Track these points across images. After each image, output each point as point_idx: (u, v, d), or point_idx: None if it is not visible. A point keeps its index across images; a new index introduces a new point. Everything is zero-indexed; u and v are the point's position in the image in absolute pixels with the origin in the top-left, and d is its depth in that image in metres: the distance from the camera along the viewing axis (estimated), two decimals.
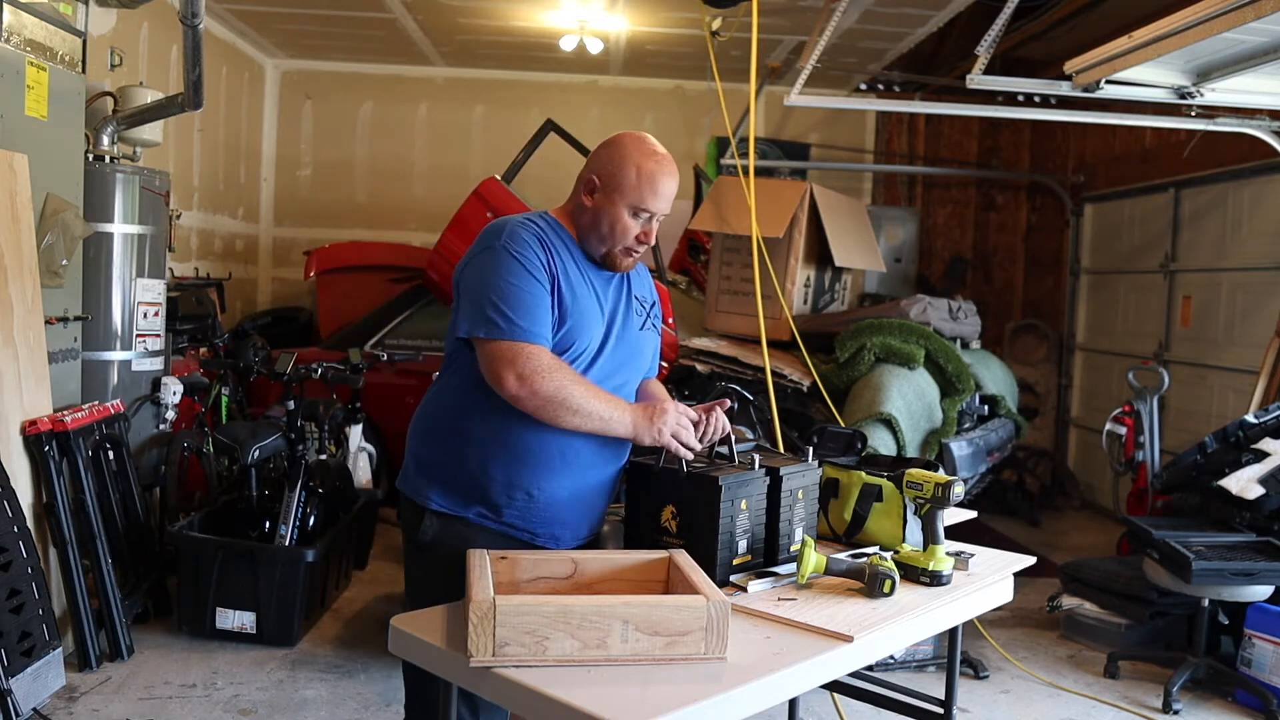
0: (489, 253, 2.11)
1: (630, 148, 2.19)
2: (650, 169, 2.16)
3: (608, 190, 2.17)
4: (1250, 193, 5.95)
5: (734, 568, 2.11)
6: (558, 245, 2.18)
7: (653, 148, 2.20)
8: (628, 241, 2.19)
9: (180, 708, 3.52)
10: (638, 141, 2.20)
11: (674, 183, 2.20)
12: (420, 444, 2.22)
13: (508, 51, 7.92)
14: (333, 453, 5.14)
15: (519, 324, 2.04)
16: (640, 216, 2.18)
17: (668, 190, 2.18)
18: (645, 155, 2.17)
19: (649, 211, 2.18)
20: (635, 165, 2.16)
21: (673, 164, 2.21)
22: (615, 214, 2.17)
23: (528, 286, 2.07)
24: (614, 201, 2.16)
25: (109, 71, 5.36)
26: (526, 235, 2.13)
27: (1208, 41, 3.66)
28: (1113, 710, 3.90)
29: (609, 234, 2.18)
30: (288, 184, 8.62)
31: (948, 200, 8.86)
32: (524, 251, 2.09)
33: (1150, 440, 5.16)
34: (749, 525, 2.13)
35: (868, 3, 6.14)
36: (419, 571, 2.22)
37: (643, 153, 2.18)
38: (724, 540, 2.08)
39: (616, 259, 2.21)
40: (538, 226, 2.18)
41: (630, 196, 2.16)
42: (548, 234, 2.18)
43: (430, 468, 2.17)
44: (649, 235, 2.21)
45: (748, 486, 2.13)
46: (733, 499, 2.08)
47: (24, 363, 3.64)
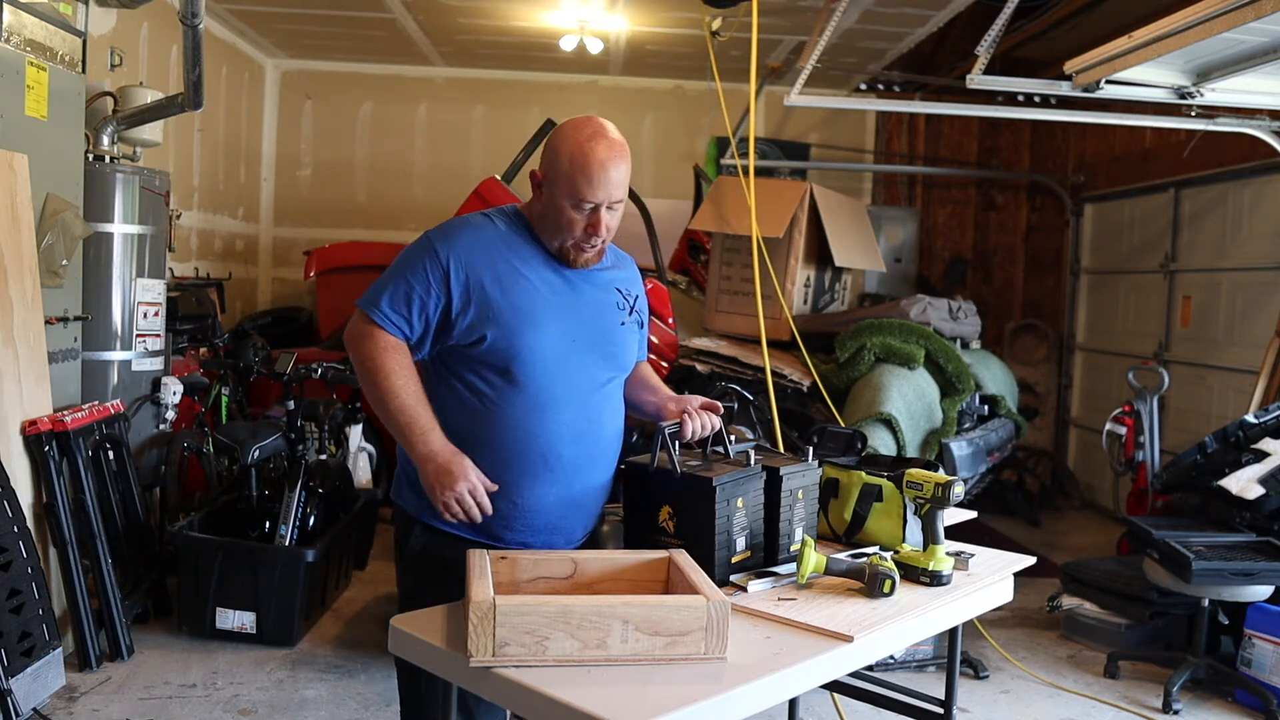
0: (421, 238, 2.12)
1: (566, 135, 2.05)
2: (583, 157, 2.00)
3: (549, 183, 2.06)
4: (1250, 193, 5.95)
5: (733, 566, 2.09)
6: (511, 241, 2.10)
7: (591, 131, 2.03)
8: (575, 236, 2.07)
9: (180, 708, 3.52)
10: (576, 128, 2.05)
11: (617, 168, 2.02)
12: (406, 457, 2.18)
13: (508, 51, 7.92)
14: (333, 453, 5.14)
15: (382, 305, 2.06)
16: (583, 208, 2.04)
17: (609, 178, 2.01)
18: (580, 140, 2.01)
19: (589, 202, 2.02)
20: (568, 154, 2.01)
21: (613, 147, 2.03)
22: (558, 207, 2.05)
23: (410, 281, 2.05)
24: (554, 195, 2.05)
25: (109, 71, 5.36)
26: (456, 231, 2.09)
27: (1208, 41, 3.66)
28: (1113, 710, 3.90)
29: (556, 229, 2.08)
30: (288, 184, 8.62)
31: (948, 200, 8.86)
32: (438, 246, 2.06)
33: (1150, 440, 5.15)
34: (747, 523, 2.11)
35: (868, 3, 6.14)
36: (409, 581, 2.22)
37: (577, 138, 2.02)
38: (721, 540, 2.06)
39: (569, 254, 2.10)
40: (493, 222, 2.12)
41: (565, 188, 2.02)
42: (499, 229, 2.11)
43: (416, 480, 2.13)
44: (598, 227, 2.05)
45: (743, 485, 2.11)
46: (728, 499, 2.07)
47: (24, 363, 3.64)
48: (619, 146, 2.04)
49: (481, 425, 2.08)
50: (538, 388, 2.07)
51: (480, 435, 2.08)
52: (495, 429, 2.07)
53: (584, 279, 2.16)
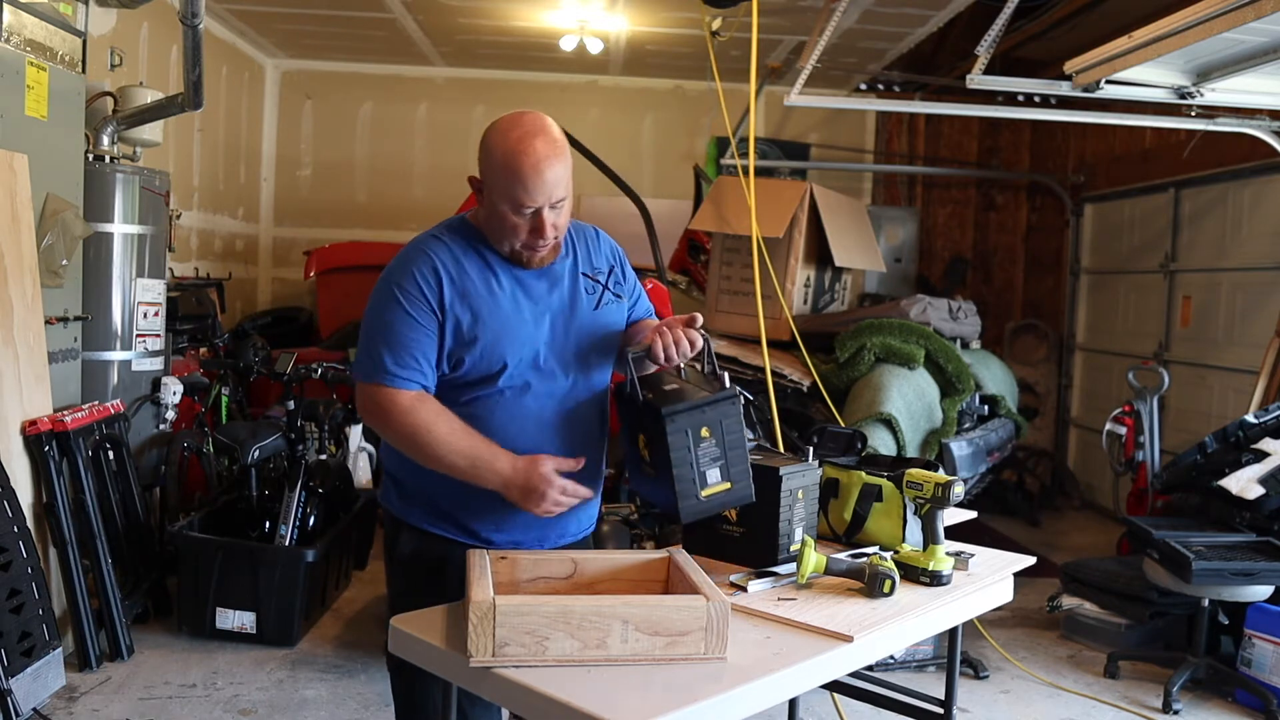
0: (379, 285, 2.03)
1: (497, 138, 1.95)
2: (516, 162, 1.91)
3: (488, 188, 1.98)
4: (1250, 193, 5.95)
5: (705, 501, 1.94)
6: (466, 256, 2.03)
7: (521, 132, 1.93)
8: (521, 240, 1.98)
9: (180, 708, 3.52)
10: (505, 131, 1.95)
11: (552, 169, 1.92)
12: (391, 461, 2.17)
13: (508, 51, 7.92)
14: (333, 453, 5.14)
15: (381, 367, 1.97)
16: (523, 213, 1.95)
17: (544, 180, 1.91)
18: (510, 146, 1.92)
19: (528, 207, 1.94)
20: (501, 160, 1.93)
21: (546, 147, 1.92)
22: (499, 213, 1.97)
23: (400, 327, 1.97)
24: (494, 200, 1.97)
25: (109, 71, 5.36)
26: (417, 265, 2.00)
27: (1208, 41, 3.66)
28: (1113, 710, 3.90)
29: (502, 233, 2.00)
30: (288, 184, 8.62)
31: (948, 200, 8.86)
32: (405, 285, 1.98)
33: (1150, 440, 5.15)
34: (718, 453, 1.93)
35: (868, 3, 6.14)
36: (400, 584, 2.19)
37: (507, 142, 1.93)
38: (682, 474, 1.90)
39: (522, 256, 2.02)
40: (442, 243, 2.04)
41: (502, 194, 1.94)
42: (454, 248, 2.03)
43: (403, 484, 2.13)
44: (545, 228, 1.96)
45: (706, 413, 1.92)
46: (687, 428, 1.89)
47: (24, 363, 3.64)
48: (552, 145, 1.94)
49: None
50: (517, 395, 2.04)
51: None
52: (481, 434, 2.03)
53: (544, 279, 2.08)
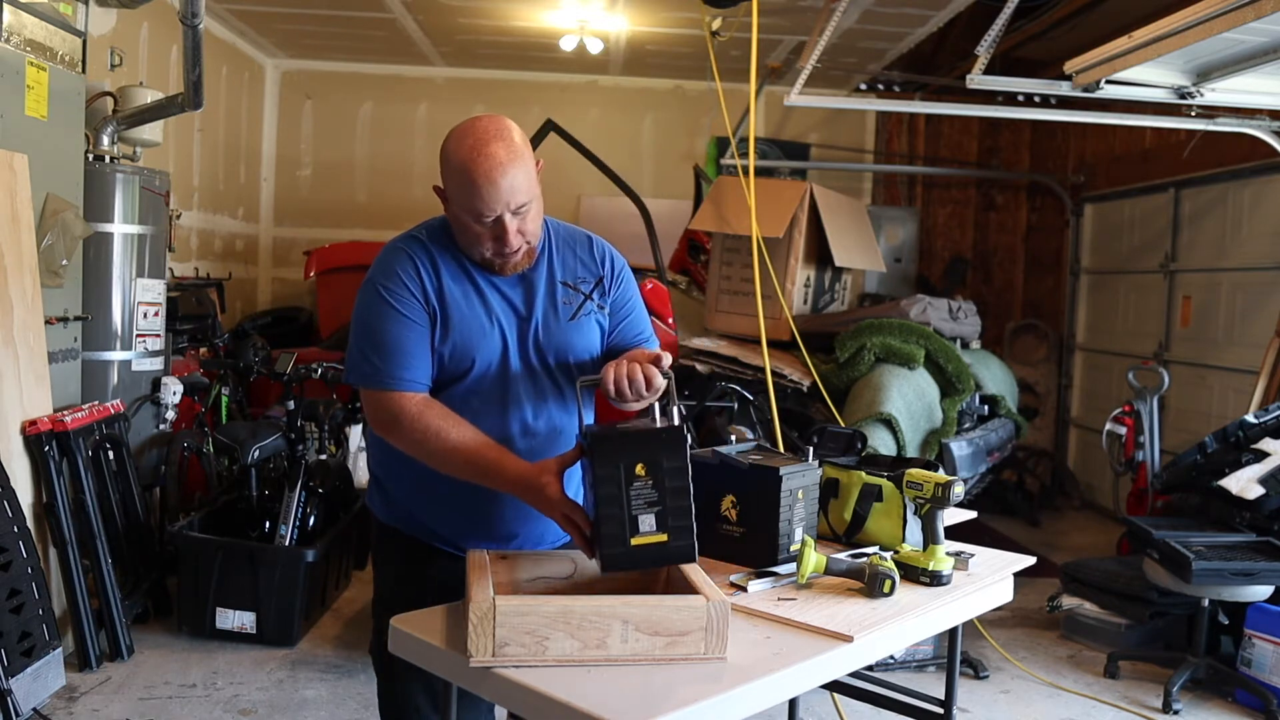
0: (364, 290, 1.99)
1: (451, 148, 1.90)
2: (470, 173, 1.86)
3: (449, 198, 1.95)
4: (1250, 193, 5.95)
5: (636, 550, 1.73)
6: (442, 258, 1.99)
7: (474, 140, 1.87)
8: (486, 249, 1.93)
9: (180, 708, 3.52)
10: (459, 140, 1.90)
11: (506, 177, 1.85)
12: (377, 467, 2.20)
13: (508, 51, 7.92)
14: (333, 453, 5.14)
15: (385, 372, 1.93)
16: (484, 222, 1.89)
17: (499, 189, 1.85)
18: (462, 157, 1.87)
19: (487, 216, 1.88)
20: (455, 171, 1.88)
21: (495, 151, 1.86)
22: (462, 223, 1.93)
23: (394, 328, 1.93)
24: (455, 211, 1.94)
25: (109, 71, 5.36)
26: (398, 264, 1.96)
27: (1208, 41, 3.66)
28: (1113, 710, 3.90)
29: (468, 242, 1.96)
30: (288, 184, 8.62)
31: (948, 200, 8.86)
32: (392, 286, 1.94)
33: (1150, 440, 5.16)
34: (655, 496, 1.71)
35: (868, 3, 6.14)
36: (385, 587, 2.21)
37: (460, 155, 1.88)
38: (608, 514, 1.72)
39: (493, 265, 1.98)
40: (419, 242, 2.00)
41: (460, 204, 1.90)
42: (431, 247, 1.99)
43: (376, 480, 2.17)
44: (509, 236, 1.90)
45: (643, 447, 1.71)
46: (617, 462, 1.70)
47: (24, 363, 3.64)
48: (509, 149, 1.87)
49: None
50: (483, 400, 2.00)
51: None
52: None
53: (519, 286, 2.03)
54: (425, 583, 2.06)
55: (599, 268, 2.12)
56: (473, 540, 2.04)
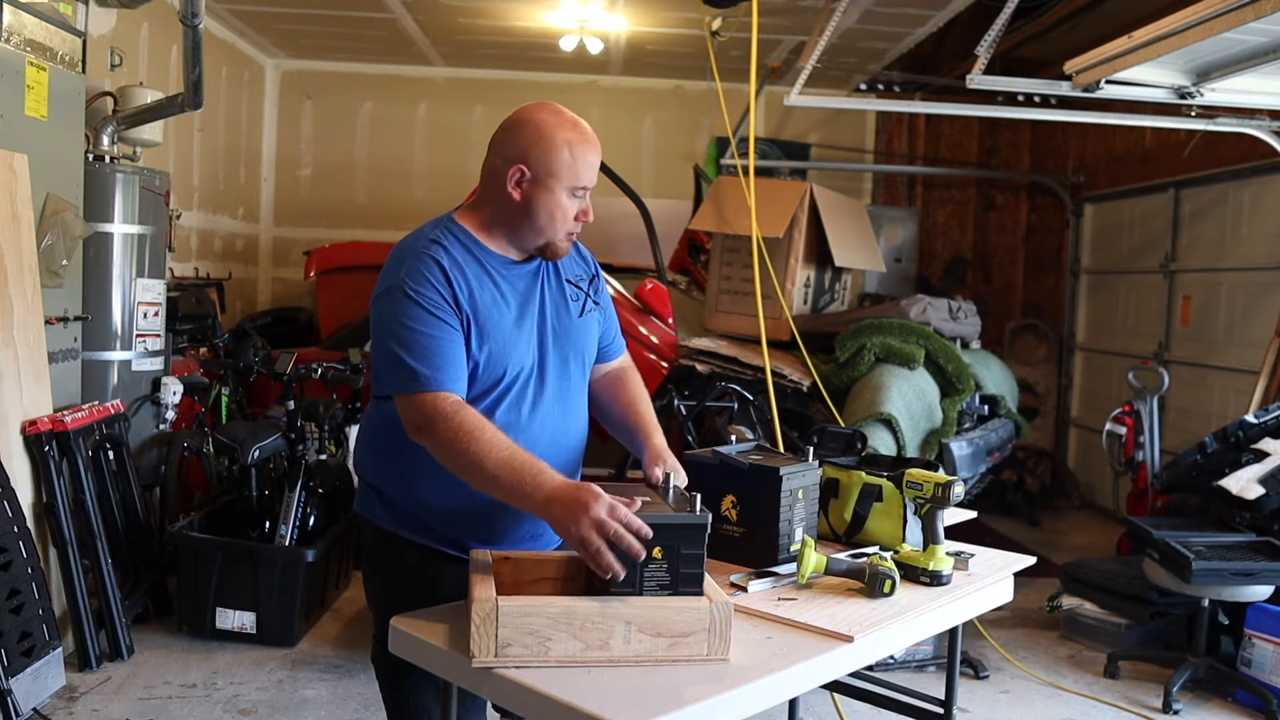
0: (390, 294, 1.96)
1: (551, 125, 2.00)
2: (581, 145, 2.01)
3: (541, 178, 1.99)
4: (1250, 193, 5.95)
5: None
6: (465, 261, 1.99)
7: (572, 119, 2.03)
8: (570, 226, 2.04)
9: (180, 708, 3.52)
10: (556, 116, 2.02)
11: (599, 149, 2.06)
12: (363, 462, 2.16)
13: (508, 51, 7.92)
14: (333, 453, 5.14)
15: (423, 374, 1.89)
16: (579, 195, 2.03)
17: (594, 162, 2.04)
18: (570, 130, 2.01)
19: (586, 188, 2.04)
20: (566, 145, 1.99)
21: (585, 129, 2.04)
22: (554, 201, 2.00)
23: (430, 330, 1.91)
24: (550, 189, 1.99)
25: (109, 71, 5.36)
26: (426, 268, 1.95)
27: (1208, 41, 3.66)
28: (1113, 710, 3.90)
29: (549, 223, 2.02)
30: (288, 184, 8.62)
31: (948, 200, 8.86)
32: (422, 290, 1.93)
33: (1150, 440, 5.16)
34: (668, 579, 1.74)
35: (868, 3, 6.14)
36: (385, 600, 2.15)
37: (565, 128, 2.01)
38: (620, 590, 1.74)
39: (559, 248, 2.06)
40: (440, 246, 1.99)
41: (567, 179, 2.00)
42: (453, 250, 1.99)
43: (372, 485, 2.12)
44: (589, 211, 2.06)
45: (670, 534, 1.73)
46: None
47: (24, 363, 3.64)
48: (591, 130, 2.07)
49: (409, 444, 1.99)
50: (516, 401, 2.02)
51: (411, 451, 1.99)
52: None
53: (533, 285, 2.07)
54: (436, 590, 2.02)
55: (589, 266, 2.22)
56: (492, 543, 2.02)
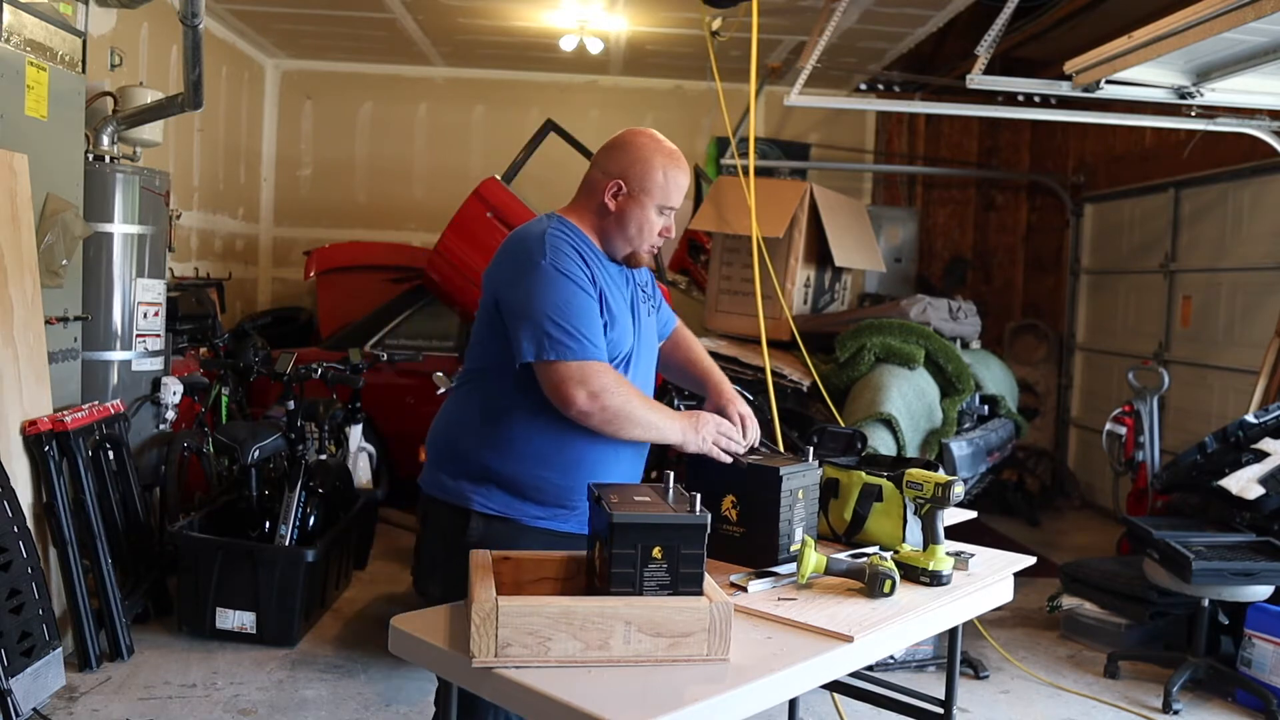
0: (536, 272, 2.11)
1: (651, 149, 2.26)
2: (674, 170, 2.26)
3: (636, 193, 2.23)
4: (1250, 193, 5.95)
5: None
6: (589, 252, 2.23)
7: (670, 147, 2.29)
8: (654, 239, 2.28)
9: (180, 708, 3.52)
10: (655, 142, 2.27)
11: (689, 175, 2.32)
12: (459, 449, 2.22)
13: (508, 51, 7.93)
14: (333, 453, 5.14)
15: (583, 342, 2.09)
16: (665, 214, 2.27)
17: (686, 184, 2.30)
18: (666, 155, 2.26)
19: (673, 208, 2.28)
20: (661, 168, 2.24)
21: (679, 155, 2.31)
22: (644, 215, 2.24)
23: (583, 303, 2.12)
24: (643, 204, 2.24)
25: (109, 71, 5.36)
26: (567, 249, 2.16)
27: (1208, 41, 3.66)
28: (1113, 710, 3.90)
29: (637, 234, 2.25)
30: (288, 184, 8.63)
31: (948, 200, 8.86)
32: (570, 268, 2.13)
33: (1150, 440, 5.16)
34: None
35: (868, 3, 6.14)
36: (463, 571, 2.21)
37: (663, 153, 2.26)
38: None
39: (641, 257, 2.30)
40: (569, 236, 2.21)
41: (659, 197, 2.24)
42: (578, 243, 2.22)
43: (475, 473, 2.18)
44: (670, 229, 2.30)
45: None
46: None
47: (24, 363, 3.64)
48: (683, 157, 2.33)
49: (547, 425, 2.16)
50: None
51: (553, 425, 2.15)
52: (564, 429, 2.15)
53: (628, 283, 2.32)
54: None
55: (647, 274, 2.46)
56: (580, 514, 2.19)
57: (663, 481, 1.94)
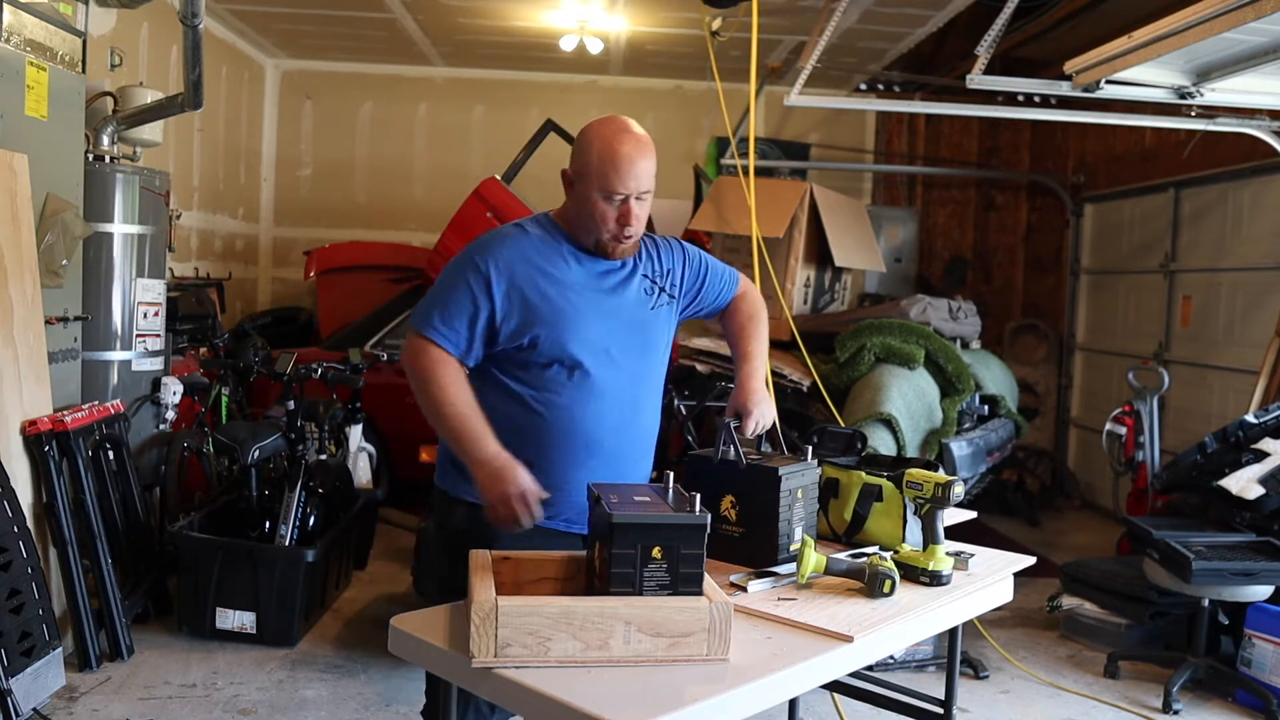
0: (459, 254, 2.23)
1: (594, 131, 2.17)
2: (610, 149, 2.12)
3: (580, 178, 2.17)
4: (1250, 193, 5.95)
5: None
6: (545, 247, 2.20)
7: (617, 127, 2.16)
8: (609, 228, 2.17)
9: (180, 708, 3.52)
10: (602, 124, 2.18)
11: (643, 160, 2.14)
12: None
13: (508, 51, 7.93)
14: (333, 453, 5.14)
15: (438, 328, 2.16)
16: (613, 200, 2.14)
17: (634, 169, 2.13)
18: (606, 136, 2.14)
19: (618, 193, 2.13)
20: (596, 149, 2.14)
21: (638, 140, 2.15)
22: (590, 201, 2.15)
23: (458, 300, 2.16)
24: (586, 189, 2.15)
25: (109, 71, 5.36)
26: (497, 246, 2.18)
27: (1208, 41, 3.66)
28: (1113, 710, 3.90)
29: (589, 223, 2.18)
30: (288, 184, 8.63)
31: (948, 200, 8.86)
32: (478, 263, 2.16)
33: (1150, 440, 5.15)
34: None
35: (868, 3, 6.14)
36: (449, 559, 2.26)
37: (604, 134, 2.15)
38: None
39: (607, 247, 2.20)
40: (525, 233, 2.21)
41: (596, 181, 2.13)
42: (534, 239, 2.20)
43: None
44: (629, 217, 2.15)
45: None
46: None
47: (24, 363, 3.64)
48: (645, 141, 2.16)
49: (528, 419, 2.20)
50: (579, 383, 2.19)
51: (526, 427, 2.20)
52: (541, 421, 2.19)
53: (615, 276, 2.25)
54: None
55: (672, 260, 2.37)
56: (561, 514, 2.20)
57: (663, 482, 1.94)
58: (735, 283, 2.49)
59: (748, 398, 2.30)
